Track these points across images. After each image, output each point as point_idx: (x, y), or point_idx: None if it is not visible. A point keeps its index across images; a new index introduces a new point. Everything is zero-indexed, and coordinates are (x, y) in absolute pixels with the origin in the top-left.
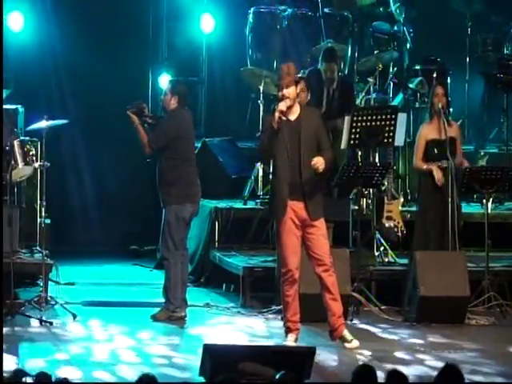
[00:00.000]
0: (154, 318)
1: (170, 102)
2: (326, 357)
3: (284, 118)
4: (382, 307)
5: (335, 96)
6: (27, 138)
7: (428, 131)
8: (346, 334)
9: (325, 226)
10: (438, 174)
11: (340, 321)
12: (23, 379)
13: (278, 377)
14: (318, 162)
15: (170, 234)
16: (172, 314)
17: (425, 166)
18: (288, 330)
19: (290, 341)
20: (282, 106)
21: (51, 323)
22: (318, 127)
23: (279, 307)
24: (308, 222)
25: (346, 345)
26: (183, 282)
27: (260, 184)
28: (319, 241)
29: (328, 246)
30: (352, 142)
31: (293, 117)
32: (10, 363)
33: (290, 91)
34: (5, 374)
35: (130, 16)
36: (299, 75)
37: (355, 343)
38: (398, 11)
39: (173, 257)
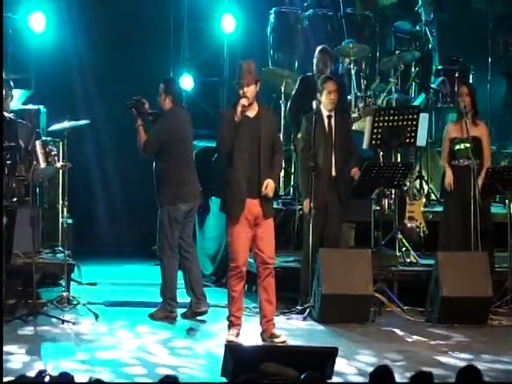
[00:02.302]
0: (151, 316)
1: (164, 102)
2: (347, 357)
3: (245, 115)
4: (404, 308)
5: None
6: (49, 139)
7: (451, 130)
8: (275, 331)
9: (273, 224)
10: (447, 178)
11: (270, 323)
12: (46, 379)
13: (302, 377)
14: (269, 188)
15: (164, 235)
16: (169, 314)
17: (445, 166)
18: (231, 325)
19: (231, 335)
20: (244, 101)
21: (73, 323)
22: (274, 127)
23: (302, 307)
24: (260, 219)
25: (276, 340)
26: (196, 279)
27: (282, 184)
28: (268, 241)
29: (274, 247)
30: (374, 142)
31: (251, 114)
32: (33, 363)
33: (250, 90)
34: (28, 375)
35: (151, 17)
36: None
37: (283, 338)
38: (420, 11)
39: (166, 257)
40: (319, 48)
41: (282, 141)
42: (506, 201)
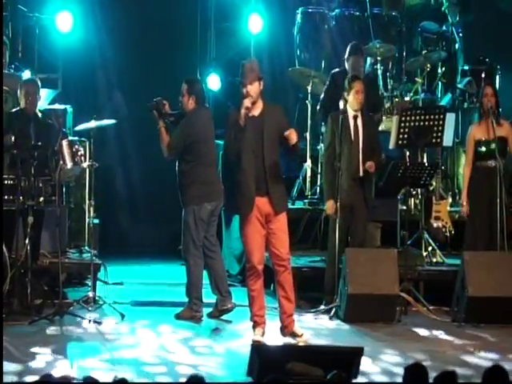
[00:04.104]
0: (177, 316)
1: (188, 102)
2: (373, 357)
3: (250, 115)
4: (430, 307)
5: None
6: (76, 138)
7: (476, 131)
8: (296, 329)
9: (286, 220)
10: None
11: (290, 319)
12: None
13: (328, 377)
14: (292, 133)
15: (190, 235)
16: (195, 313)
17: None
18: (255, 325)
19: (257, 335)
20: (247, 102)
21: (99, 323)
22: (282, 122)
23: (328, 307)
24: (271, 216)
25: (297, 339)
26: (221, 277)
27: (308, 184)
28: (281, 237)
29: (288, 243)
30: (400, 142)
31: (256, 112)
32: (59, 363)
33: (254, 88)
34: (53, 375)
35: (178, 16)
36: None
37: (305, 337)
38: (447, 11)
39: (192, 257)
40: (350, 48)
41: (308, 140)
42: None
